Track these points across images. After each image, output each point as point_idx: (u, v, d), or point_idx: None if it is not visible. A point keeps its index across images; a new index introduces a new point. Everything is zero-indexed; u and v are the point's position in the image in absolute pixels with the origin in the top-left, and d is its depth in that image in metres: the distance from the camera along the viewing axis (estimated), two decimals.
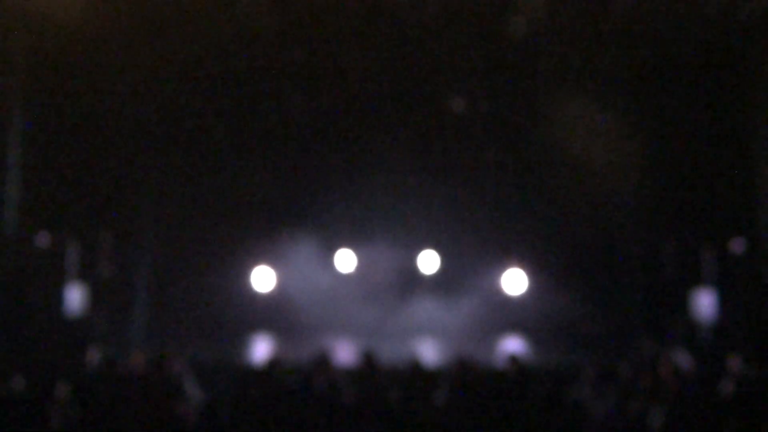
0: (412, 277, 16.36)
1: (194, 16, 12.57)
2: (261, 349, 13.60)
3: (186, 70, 14.39)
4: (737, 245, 12.91)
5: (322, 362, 8.98)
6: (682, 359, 10.37)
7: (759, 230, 13.14)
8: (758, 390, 7.45)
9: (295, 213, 16.10)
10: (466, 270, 15.92)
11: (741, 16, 12.10)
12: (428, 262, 16.45)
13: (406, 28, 13.11)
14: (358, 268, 16.33)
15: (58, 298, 12.33)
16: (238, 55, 13.97)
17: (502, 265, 16.14)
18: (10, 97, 12.43)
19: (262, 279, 16.27)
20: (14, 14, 11.81)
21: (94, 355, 9.63)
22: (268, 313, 16.01)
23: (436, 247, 16.37)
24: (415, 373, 8.52)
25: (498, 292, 16.04)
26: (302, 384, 7.60)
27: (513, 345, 14.09)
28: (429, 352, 13.43)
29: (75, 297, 12.50)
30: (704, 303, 12.50)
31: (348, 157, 16.34)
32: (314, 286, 15.76)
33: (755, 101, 13.19)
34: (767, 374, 7.70)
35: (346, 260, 16.39)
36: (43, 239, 12.60)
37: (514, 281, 16.12)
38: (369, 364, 9.16)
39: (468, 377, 8.13)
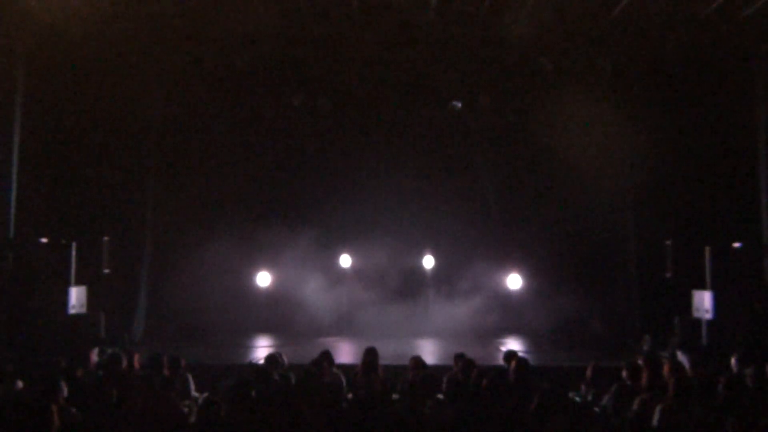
0: (412, 278, 16.36)
1: (193, 20, 12.58)
2: (261, 349, 13.61)
3: (185, 73, 14.41)
4: (737, 245, 12.92)
5: (322, 362, 9.00)
6: (682, 359, 10.38)
7: (760, 230, 13.15)
8: (757, 389, 7.46)
9: (295, 214, 16.11)
10: (466, 270, 15.92)
11: (744, 16, 12.11)
12: (428, 262, 16.47)
13: (407, 30, 13.11)
14: (359, 268, 16.34)
15: (59, 299, 12.33)
16: (237, 56, 13.98)
17: (503, 266, 16.14)
18: (12, 101, 12.45)
19: (262, 280, 16.29)
20: (15, 18, 11.81)
21: (94, 355, 9.65)
22: (268, 314, 16.03)
23: (437, 247, 16.39)
24: (416, 372, 8.52)
25: (498, 293, 16.05)
26: (303, 383, 7.60)
27: (513, 345, 14.10)
28: (429, 352, 13.43)
29: (76, 298, 12.50)
30: (704, 303, 12.49)
31: (348, 159, 16.36)
32: (314, 287, 15.77)
33: (757, 100, 13.21)
34: (765, 373, 7.70)
35: (346, 261, 16.40)
36: (45, 241, 12.62)
37: (514, 282, 16.13)
38: (370, 362, 9.18)
39: (468, 375, 8.14)
